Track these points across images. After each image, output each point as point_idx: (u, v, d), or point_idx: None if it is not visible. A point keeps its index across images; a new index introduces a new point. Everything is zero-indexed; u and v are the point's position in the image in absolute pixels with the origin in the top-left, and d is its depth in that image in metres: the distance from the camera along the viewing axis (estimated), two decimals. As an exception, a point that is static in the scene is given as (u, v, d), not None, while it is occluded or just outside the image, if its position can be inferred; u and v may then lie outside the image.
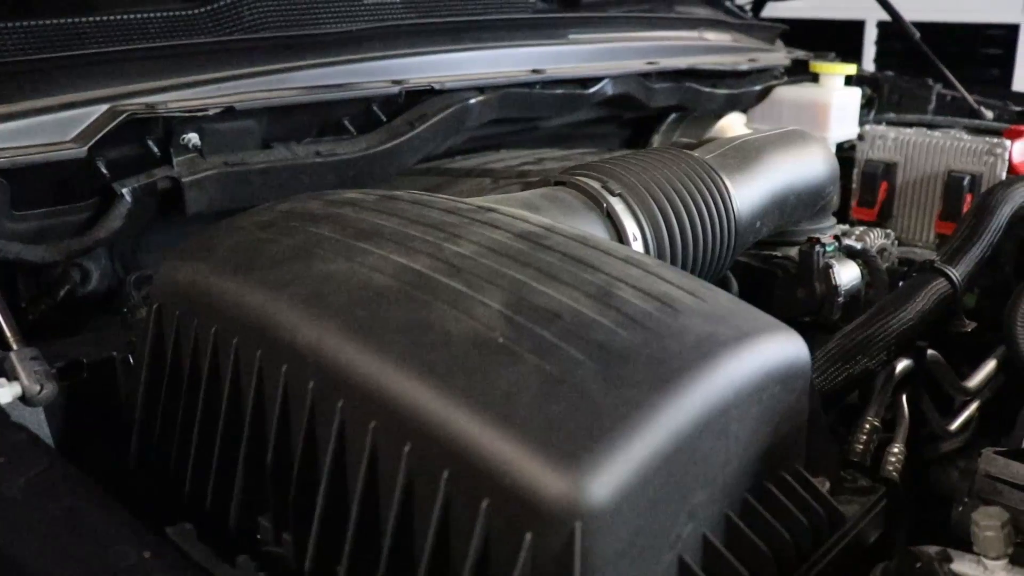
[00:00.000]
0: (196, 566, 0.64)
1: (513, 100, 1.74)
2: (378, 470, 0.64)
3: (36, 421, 0.82)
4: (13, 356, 0.74)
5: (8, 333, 0.75)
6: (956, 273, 1.50)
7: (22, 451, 0.64)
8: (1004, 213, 1.68)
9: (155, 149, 1.29)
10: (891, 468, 1.50)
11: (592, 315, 0.66)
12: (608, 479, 0.56)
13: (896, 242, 1.87)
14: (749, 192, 1.23)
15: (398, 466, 0.62)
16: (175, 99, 1.32)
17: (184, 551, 0.65)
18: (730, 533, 0.68)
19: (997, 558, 0.86)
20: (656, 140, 2.49)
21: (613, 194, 1.03)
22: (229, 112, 1.31)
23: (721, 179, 1.18)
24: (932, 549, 0.85)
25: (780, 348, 0.72)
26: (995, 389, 1.64)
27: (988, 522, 0.85)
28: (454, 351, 0.62)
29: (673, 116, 2.39)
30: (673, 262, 1.08)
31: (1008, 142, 2.14)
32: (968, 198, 2.13)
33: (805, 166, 1.38)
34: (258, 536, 0.76)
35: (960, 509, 1.15)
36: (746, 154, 1.27)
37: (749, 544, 0.67)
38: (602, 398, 0.59)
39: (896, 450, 1.52)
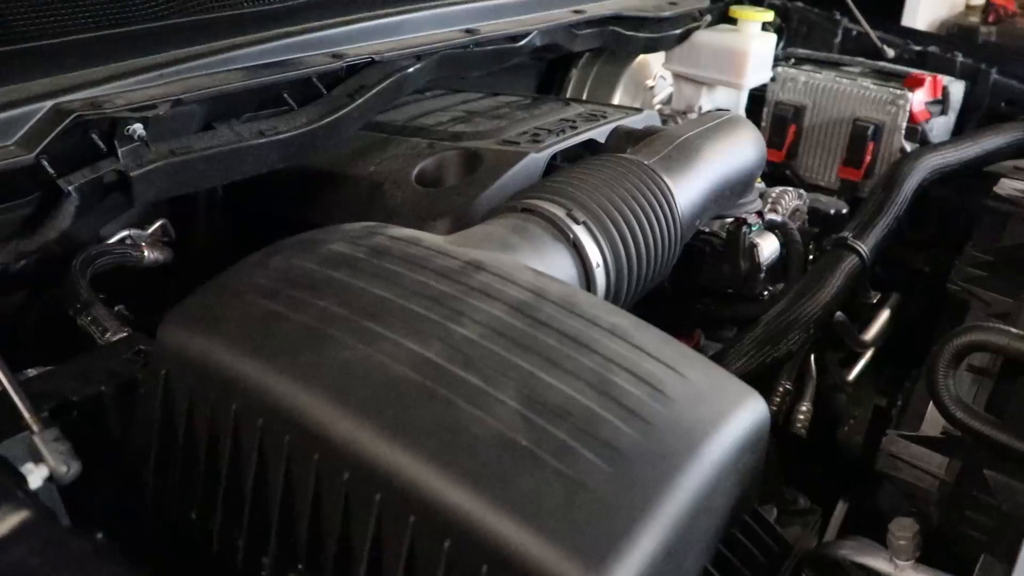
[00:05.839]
0: None
1: (449, 62, 1.76)
2: (415, 562, 0.71)
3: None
4: (38, 440, 0.76)
5: (28, 416, 0.77)
6: (866, 249, 1.63)
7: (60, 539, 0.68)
8: (910, 185, 1.81)
9: (100, 143, 1.26)
10: (800, 425, 1.67)
11: (597, 410, 0.74)
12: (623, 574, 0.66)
13: (805, 198, 1.97)
14: (691, 194, 1.31)
15: (439, 561, 0.69)
16: (119, 90, 1.29)
17: None
18: (708, 581, 0.79)
19: (907, 560, 1.01)
20: (573, 75, 2.55)
21: (577, 222, 1.10)
22: (175, 102, 1.30)
23: (667, 186, 1.26)
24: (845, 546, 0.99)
25: (749, 417, 0.82)
26: (884, 337, 1.82)
27: (902, 532, 1.00)
28: (483, 455, 0.70)
29: (587, 55, 2.43)
30: (629, 280, 1.16)
31: (910, 93, 2.25)
32: (870, 147, 2.26)
33: (739, 157, 1.47)
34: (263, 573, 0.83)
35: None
36: (687, 154, 1.34)
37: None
38: (616, 501, 0.68)
39: (804, 408, 1.68)
